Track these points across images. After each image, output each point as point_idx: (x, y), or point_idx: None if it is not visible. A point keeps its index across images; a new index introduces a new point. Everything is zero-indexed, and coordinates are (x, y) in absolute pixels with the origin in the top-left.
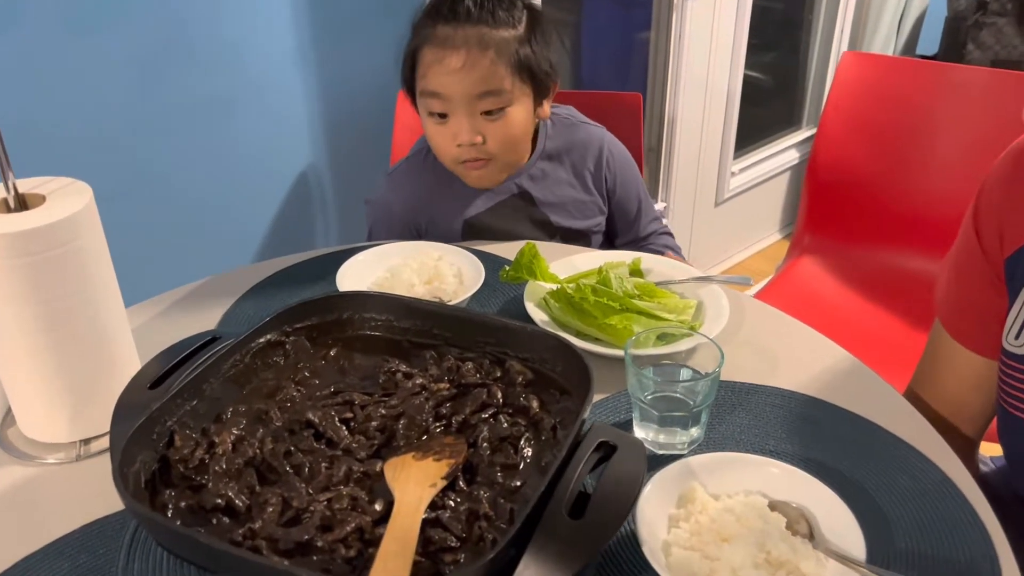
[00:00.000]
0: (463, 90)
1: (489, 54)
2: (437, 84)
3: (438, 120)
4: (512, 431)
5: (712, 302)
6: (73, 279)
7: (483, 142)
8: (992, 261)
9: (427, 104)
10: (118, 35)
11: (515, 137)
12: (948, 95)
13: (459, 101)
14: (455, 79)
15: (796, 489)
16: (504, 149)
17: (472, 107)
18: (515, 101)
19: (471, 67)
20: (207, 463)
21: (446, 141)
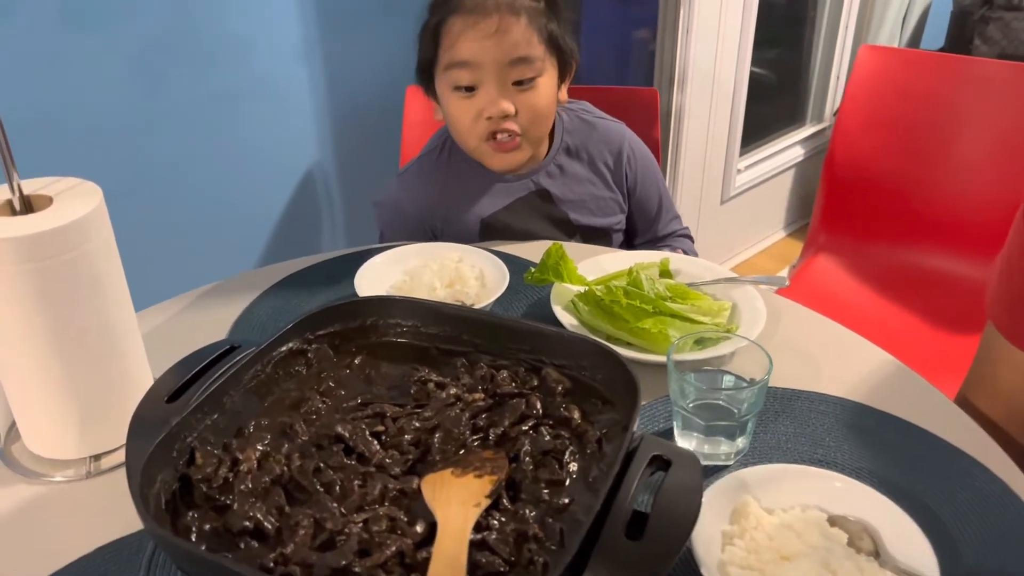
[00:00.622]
0: (497, 56)
1: (522, 20)
2: (468, 52)
3: (464, 95)
4: (555, 444)
5: (746, 304)
6: (83, 286)
7: (514, 115)
8: None
9: (454, 77)
10: (120, 30)
11: (544, 111)
12: (969, 89)
13: (491, 69)
14: (488, 44)
15: (855, 502)
16: (533, 123)
17: (504, 75)
18: (544, 72)
19: (505, 32)
20: (231, 482)
21: (472, 117)
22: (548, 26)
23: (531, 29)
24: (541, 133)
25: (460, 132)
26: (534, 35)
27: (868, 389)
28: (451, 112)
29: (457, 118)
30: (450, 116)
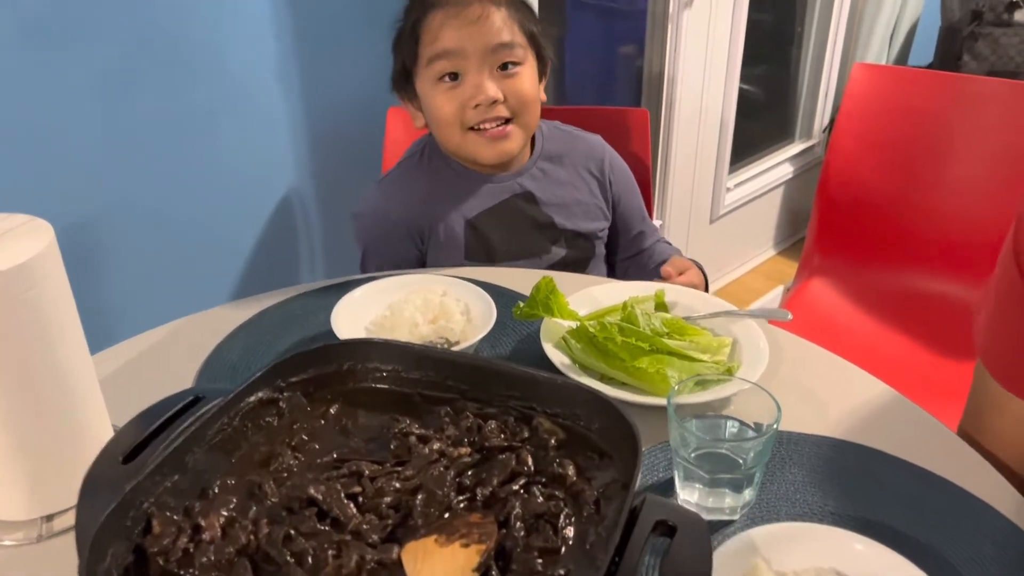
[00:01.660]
0: (481, 43)
1: (502, 9)
2: (452, 40)
3: (449, 84)
4: (549, 506)
5: (747, 339)
6: (31, 333)
7: (503, 100)
8: None
9: (438, 68)
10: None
11: (530, 96)
12: (963, 107)
13: (475, 55)
14: (472, 31)
15: (870, 562)
16: (522, 107)
17: (488, 61)
18: (526, 61)
19: (486, 19)
20: (192, 553)
21: (458, 106)
22: (526, 23)
23: (511, 19)
24: (531, 119)
25: (445, 126)
26: (515, 25)
27: (878, 432)
28: (436, 105)
29: (442, 111)
30: (435, 110)
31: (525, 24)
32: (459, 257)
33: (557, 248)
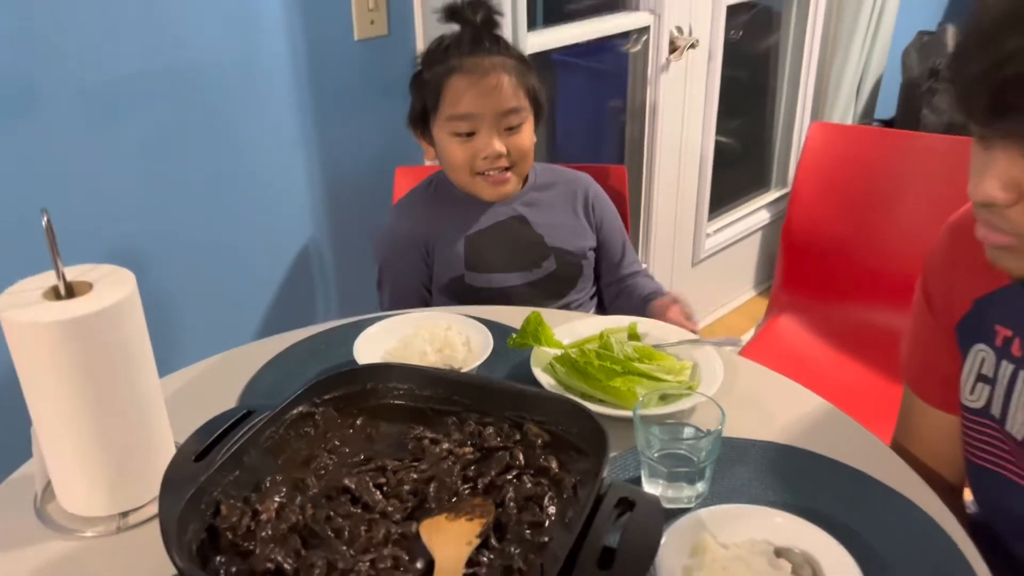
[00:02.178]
0: (494, 108)
1: (512, 77)
2: (471, 105)
3: (464, 140)
4: (536, 491)
5: (706, 363)
6: (117, 362)
7: (507, 153)
8: (944, 327)
9: (455, 126)
10: (131, 123)
11: (528, 149)
12: (911, 161)
13: (488, 118)
14: (489, 100)
15: (799, 536)
16: (521, 158)
17: (499, 123)
18: (527, 119)
19: (500, 88)
20: (253, 530)
21: (469, 156)
22: (528, 80)
23: (518, 84)
24: (526, 167)
25: (457, 170)
26: (520, 89)
27: (814, 437)
28: (450, 153)
29: (455, 157)
30: (449, 156)
31: (526, 82)
32: (460, 269)
33: (547, 263)
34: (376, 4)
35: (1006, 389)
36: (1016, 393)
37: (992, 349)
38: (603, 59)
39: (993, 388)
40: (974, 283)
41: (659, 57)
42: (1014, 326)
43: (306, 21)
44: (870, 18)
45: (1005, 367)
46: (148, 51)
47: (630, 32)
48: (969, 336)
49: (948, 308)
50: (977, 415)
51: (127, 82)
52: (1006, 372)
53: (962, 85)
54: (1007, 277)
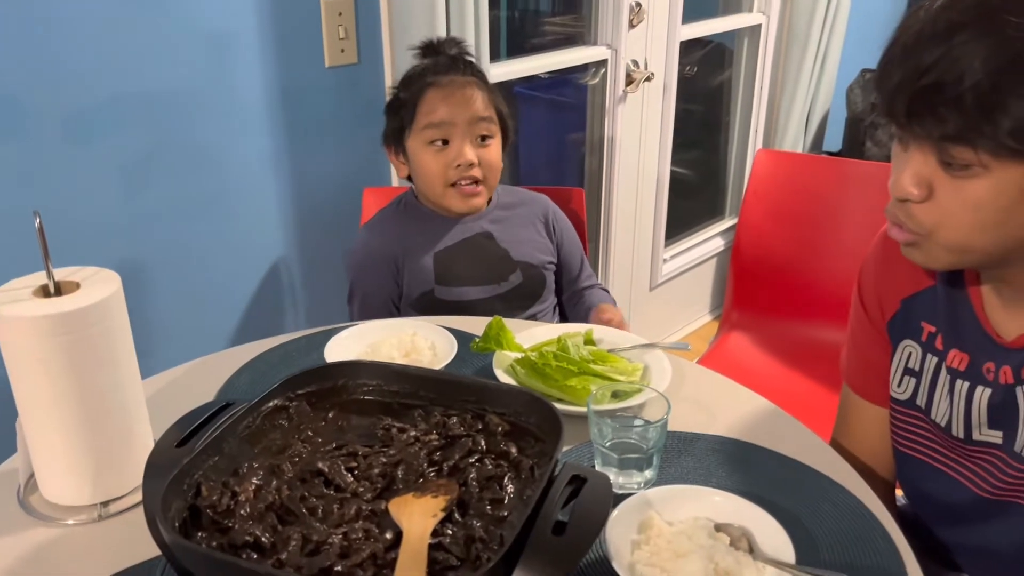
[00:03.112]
0: (468, 115)
1: (483, 92)
2: (446, 114)
3: (438, 149)
4: (496, 472)
5: (656, 365)
6: (102, 355)
7: (478, 163)
8: (877, 327)
9: (430, 134)
10: (111, 145)
11: (497, 164)
12: (848, 187)
13: (461, 126)
14: (461, 108)
15: (737, 514)
16: (490, 172)
17: (471, 131)
18: (495, 135)
19: (472, 99)
20: (232, 509)
21: (443, 166)
22: (497, 102)
23: (487, 99)
24: (495, 182)
25: (431, 179)
26: (490, 105)
27: (754, 431)
28: (424, 162)
29: (430, 167)
30: (423, 165)
31: (496, 103)
32: (430, 283)
33: (513, 277)
34: (346, 33)
35: (930, 380)
36: (939, 383)
37: (918, 344)
38: (563, 92)
39: (919, 380)
40: (902, 284)
41: (616, 89)
42: (937, 323)
43: (279, 48)
44: (816, 56)
45: (930, 360)
46: (128, 76)
47: (588, 65)
48: (899, 333)
49: (880, 308)
50: (904, 406)
51: (109, 105)
52: (930, 365)
53: (885, 92)
54: (932, 278)
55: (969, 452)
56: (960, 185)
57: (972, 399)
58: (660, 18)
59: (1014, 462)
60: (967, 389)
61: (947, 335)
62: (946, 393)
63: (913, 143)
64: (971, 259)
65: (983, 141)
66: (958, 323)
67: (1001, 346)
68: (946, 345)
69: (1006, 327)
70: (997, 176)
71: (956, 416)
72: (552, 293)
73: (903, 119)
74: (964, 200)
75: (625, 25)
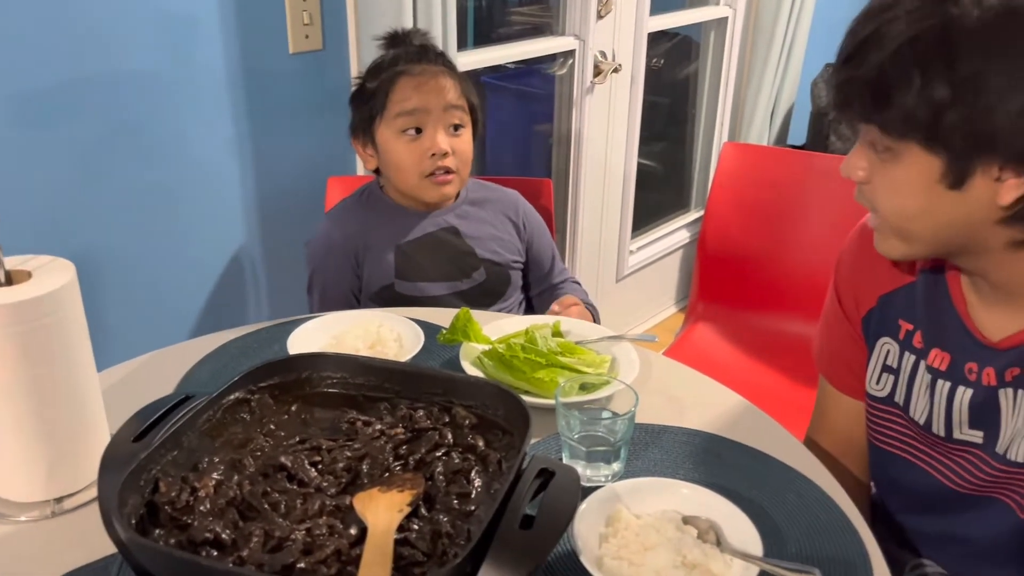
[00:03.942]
0: (441, 103)
1: (454, 81)
2: (419, 101)
3: (412, 137)
4: (463, 465)
5: (624, 357)
6: (57, 347)
7: (452, 152)
8: (852, 320)
9: (403, 123)
10: (67, 130)
11: (469, 155)
12: (812, 179)
13: (435, 114)
14: (433, 95)
15: (704, 506)
16: (463, 163)
17: (444, 118)
18: (467, 124)
19: (444, 87)
20: (192, 504)
21: (417, 156)
22: (468, 93)
23: (458, 88)
24: (466, 173)
25: (403, 169)
26: (461, 94)
27: (721, 424)
28: (397, 152)
29: (403, 157)
30: (395, 155)
31: (467, 93)
32: (390, 277)
33: (477, 274)
34: (311, 19)
35: (908, 377)
36: (918, 382)
37: (896, 342)
38: (531, 82)
39: (897, 378)
40: (880, 280)
41: (584, 80)
42: (915, 321)
43: (242, 33)
44: (781, 50)
45: (907, 358)
46: (83, 57)
47: (556, 55)
48: (875, 330)
49: (855, 303)
50: (882, 403)
51: (61, 88)
52: (908, 362)
53: (834, 88)
54: (910, 276)
55: (949, 449)
56: (885, 169)
57: (953, 399)
58: (628, 9)
59: (995, 462)
60: (948, 389)
61: (927, 333)
62: (925, 392)
63: (854, 127)
64: (920, 249)
65: (880, 126)
66: (940, 322)
67: (986, 347)
68: (926, 344)
69: (991, 327)
70: (906, 161)
71: (937, 415)
72: (517, 291)
73: (835, 103)
74: (889, 183)
75: (593, 16)
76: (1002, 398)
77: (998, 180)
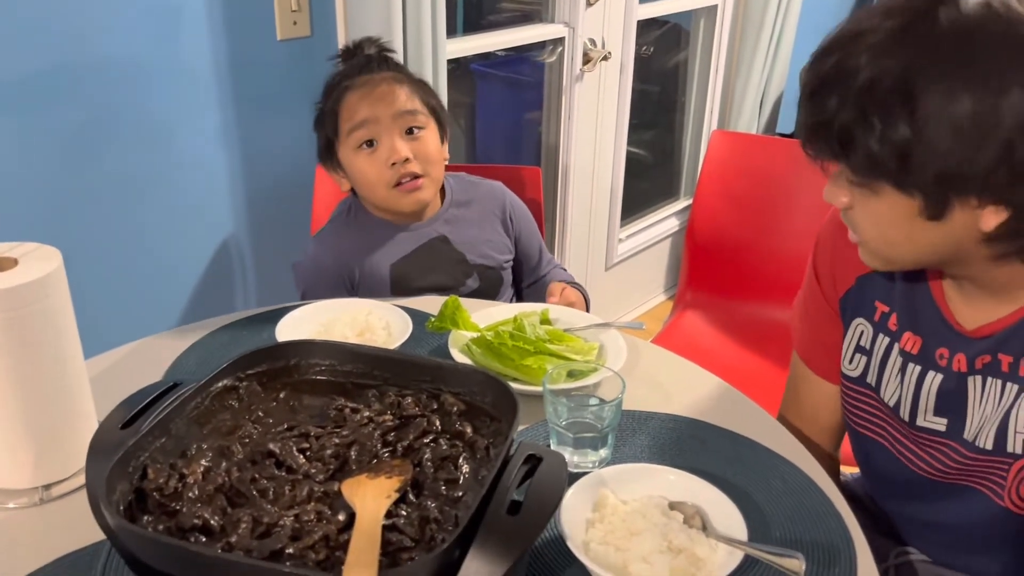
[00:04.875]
0: (390, 111)
1: (404, 86)
2: (367, 113)
3: (367, 150)
4: (451, 452)
5: (611, 345)
6: (44, 334)
7: (413, 157)
8: (830, 300)
9: (356, 137)
10: (53, 115)
11: (434, 155)
12: (801, 168)
13: (385, 122)
14: (382, 104)
15: (690, 492)
16: (429, 164)
17: (398, 126)
18: (427, 127)
19: (393, 94)
20: (180, 491)
21: (378, 168)
22: (426, 97)
23: (413, 94)
24: (438, 174)
25: (370, 185)
26: (415, 97)
27: (707, 410)
28: (359, 169)
29: (366, 172)
30: (359, 173)
31: (425, 98)
32: (386, 295)
33: (471, 281)
34: (299, 5)
35: (881, 359)
36: (890, 364)
37: (871, 323)
38: (520, 70)
39: (870, 359)
40: (859, 261)
41: (573, 67)
42: (891, 303)
43: (228, 19)
44: (771, 38)
45: (881, 340)
46: (68, 43)
47: (546, 43)
48: (851, 310)
49: (833, 283)
50: (855, 383)
51: (46, 76)
52: (882, 344)
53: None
54: None
55: (916, 437)
56: (864, 201)
57: (922, 384)
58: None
59: (964, 449)
60: (918, 373)
61: (901, 316)
62: (896, 374)
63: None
64: (903, 265)
65: (850, 169)
66: (915, 306)
67: (960, 334)
68: (900, 327)
69: (967, 317)
70: (883, 198)
71: (904, 399)
72: (508, 288)
73: (801, 140)
74: (870, 215)
75: (583, 3)
76: (970, 385)
77: (977, 208)
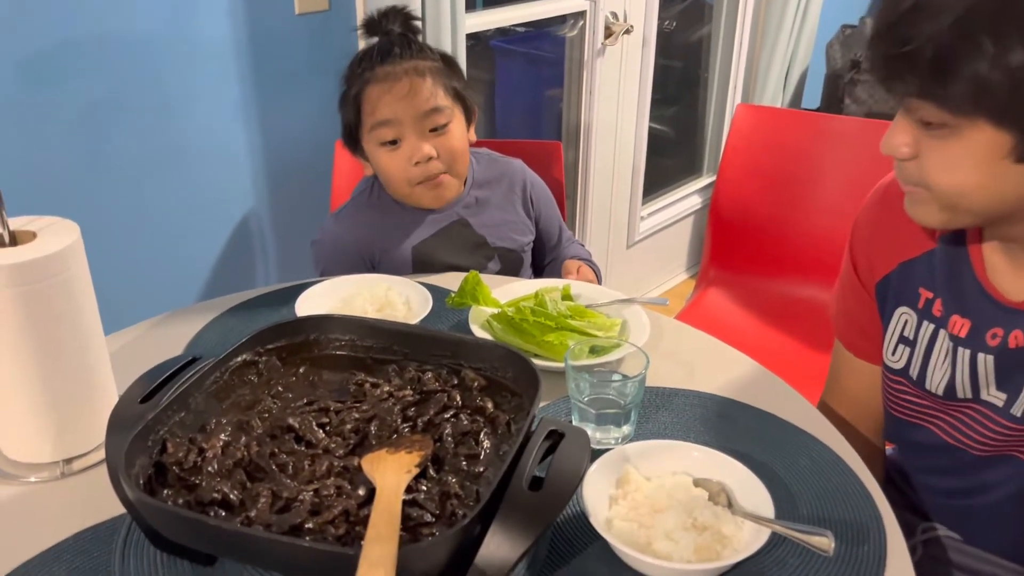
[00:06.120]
0: (413, 111)
1: (427, 79)
2: (389, 112)
3: (391, 148)
4: (472, 427)
5: (635, 321)
6: (62, 308)
7: (436, 156)
8: (866, 285)
9: (379, 135)
10: (74, 89)
11: (459, 150)
12: (828, 143)
13: (410, 123)
14: (405, 103)
15: (715, 468)
16: (453, 161)
17: (421, 126)
18: (453, 118)
19: (416, 91)
20: (199, 465)
21: (400, 165)
22: (449, 82)
23: (436, 85)
24: (462, 169)
25: (392, 181)
26: (439, 89)
27: (733, 387)
28: (382, 164)
29: (388, 169)
30: (382, 168)
31: (449, 85)
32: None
33: (491, 264)
34: None
35: (925, 349)
36: (936, 352)
37: (915, 311)
38: (541, 45)
39: (912, 350)
40: (901, 246)
41: (595, 42)
42: (936, 288)
43: None
44: (796, 11)
45: (926, 327)
46: (86, 18)
47: (567, 16)
48: (892, 297)
49: (870, 267)
50: (898, 375)
51: (64, 50)
52: (926, 333)
53: (878, 62)
54: (933, 241)
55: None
56: (938, 145)
57: (976, 365)
58: None
59: (1007, 421)
60: (969, 356)
61: (947, 301)
62: (943, 360)
63: (901, 102)
64: (963, 219)
65: (942, 102)
66: (959, 287)
67: (1007, 307)
68: (946, 311)
69: (1012, 288)
70: (968, 137)
71: (961, 381)
72: (528, 268)
73: (880, 77)
74: (943, 161)
75: None
76: None
77: None
